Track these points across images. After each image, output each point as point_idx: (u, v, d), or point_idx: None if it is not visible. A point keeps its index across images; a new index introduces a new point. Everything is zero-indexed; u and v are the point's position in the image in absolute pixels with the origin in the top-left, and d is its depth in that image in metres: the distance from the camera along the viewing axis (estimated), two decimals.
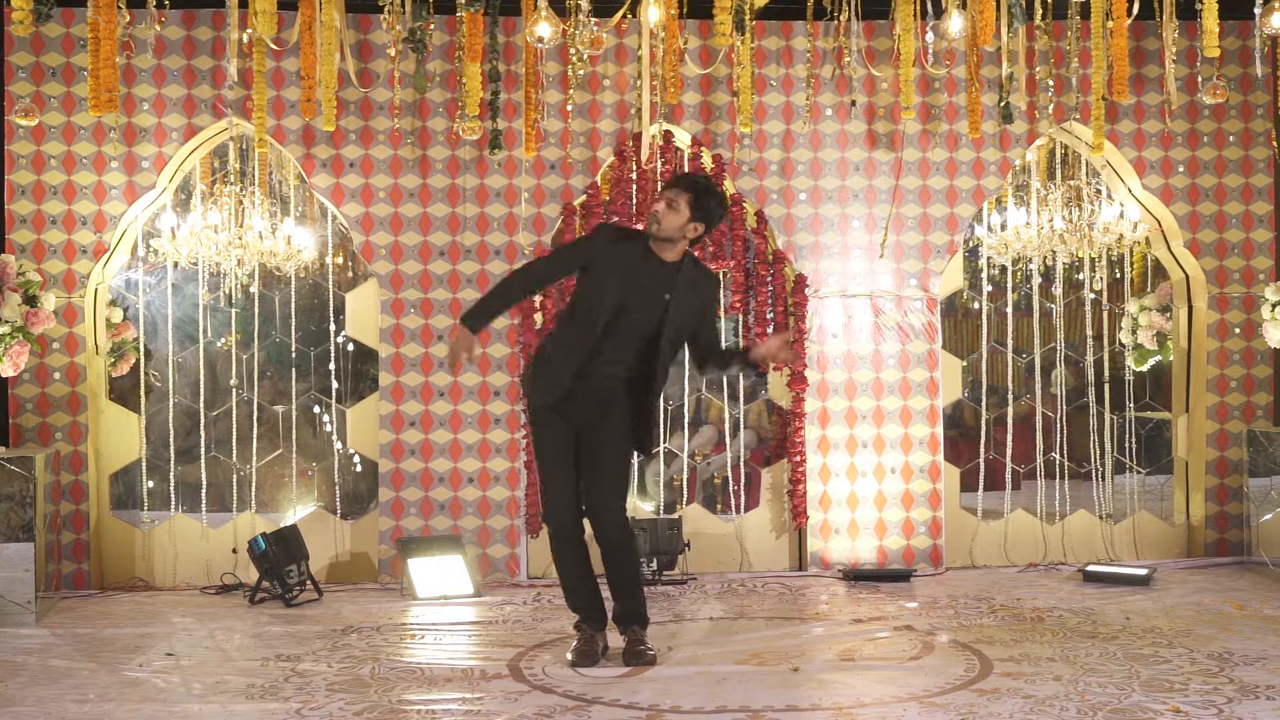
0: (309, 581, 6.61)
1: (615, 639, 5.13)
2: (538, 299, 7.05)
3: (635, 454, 5.19)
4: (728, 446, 7.43)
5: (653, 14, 6.04)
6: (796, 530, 7.31)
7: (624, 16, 6.65)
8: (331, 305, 7.68)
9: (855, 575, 6.95)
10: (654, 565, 6.83)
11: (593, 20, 6.04)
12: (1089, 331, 7.85)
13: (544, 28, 5.68)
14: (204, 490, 7.25)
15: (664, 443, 7.49)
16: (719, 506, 7.67)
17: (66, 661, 5.27)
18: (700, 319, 5.11)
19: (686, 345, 5.20)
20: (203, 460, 7.32)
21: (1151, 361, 8.00)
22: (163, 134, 6.95)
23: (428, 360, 7.06)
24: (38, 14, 5.12)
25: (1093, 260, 7.90)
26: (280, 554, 6.49)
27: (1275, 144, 7.31)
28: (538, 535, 7.15)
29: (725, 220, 5.20)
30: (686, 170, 5.12)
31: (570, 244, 5.10)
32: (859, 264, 7.27)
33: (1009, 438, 7.65)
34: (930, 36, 6.85)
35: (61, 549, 6.78)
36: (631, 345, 5.00)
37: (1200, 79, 7.26)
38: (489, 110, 6.60)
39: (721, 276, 5.22)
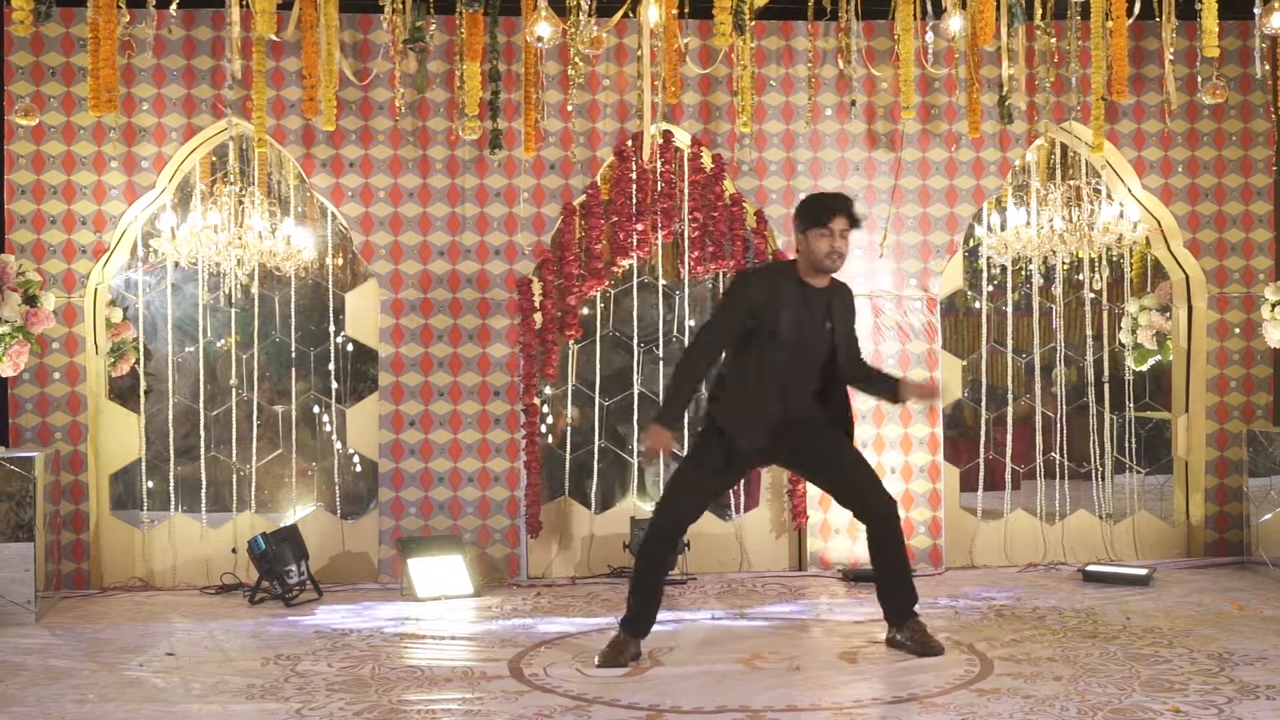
0: (309, 581, 6.61)
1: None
2: (537, 298, 7.06)
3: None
4: None
5: (653, 14, 6.04)
6: (796, 530, 7.31)
7: (624, 16, 6.66)
8: (331, 305, 7.68)
9: (855, 575, 6.94)
10: None
11: (593, 20, 6.04)
12: (1089, 331, 7.85)
13: (544, 28, 5.68)
14: (204, 490, 7.24)
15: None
16: (719, 506, 7.66)
17: (66, 661, 5.27)
18: (850, 332, 5.27)
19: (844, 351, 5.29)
20: (202, 460, 7.31)
21: (1151, 361, 8.00)
22: (162, 134, 6.95)
23: (427, 360, 7.06)
24: (37, 14, 5.12)
25: (1093, 260, 7.90)
26: (280, 554, 6.49)
27: (1276, 144, 7.31)
28: (537, 535, 7.15)
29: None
30: (834, 197, 5.16)
31: (727, 305, 5.17)
32: (859, 264, 7.26)
33: (1009, 438, 7.65)
34: (930, 36, 6.86)
35: (61, 549, 6.78)
36: (812, 374, 5.15)
37: (1200, 79, 7.26)
38: (489, 110, 6.60)
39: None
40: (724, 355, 5.15)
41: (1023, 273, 8.17)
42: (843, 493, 5.29)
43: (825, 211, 5.05)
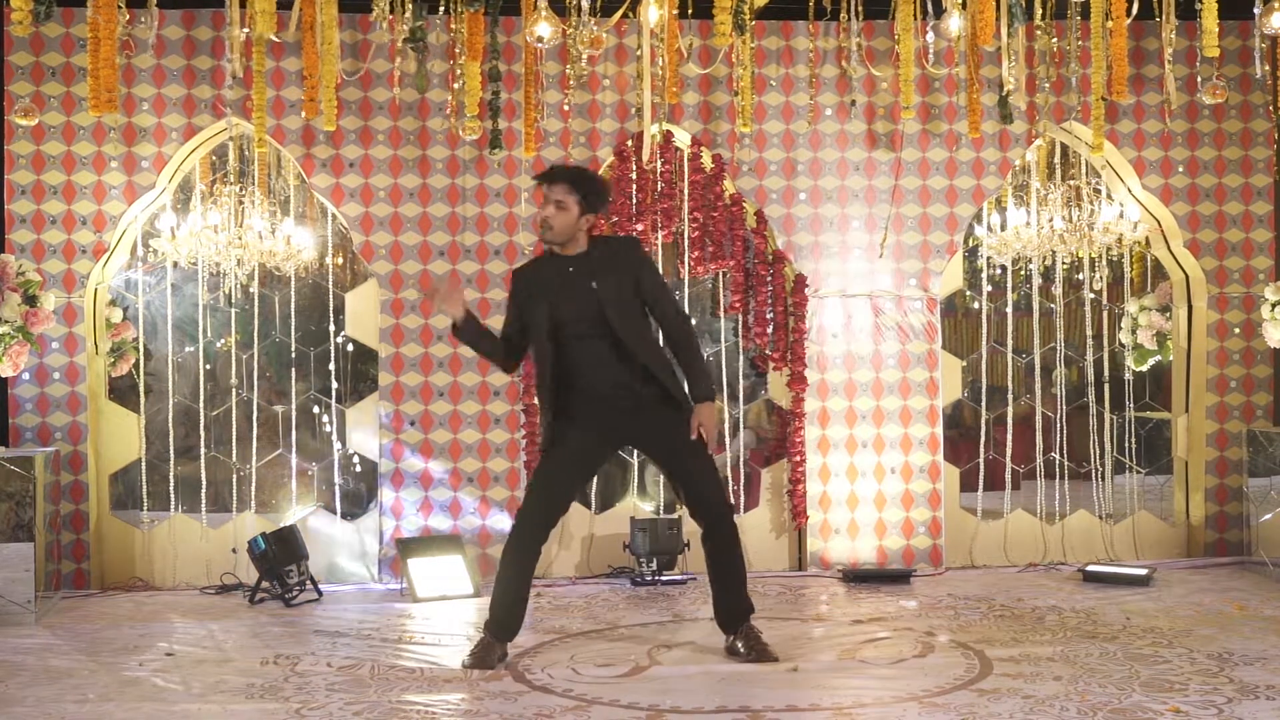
0: (309, 581, 6.61)
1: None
2: None
3: (697, 436, 5.04)
4: (727, 446, 7.42)
5: (653, 14, 6.04)
6: (796, 530, 7.31)
7: (624, 16, 6.66)
8: (331, 305, 7.68)
9: (855, 575, 6.94)
10: (654, 565, 6.83)
11: (593, 20, 6.04)
12: (1089, 331, 7.85)
13: (544, 28, 5.68)
14: (203, 490, 7.24)
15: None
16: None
17: (66, 661, 5.27)
18: (640, 283, 5.02)
19: (657, 322, 5.12)
20: (202, 460, 7.31)
21: (1151, 361, 8.00)
22: (162, 134, 6.95)
23: (428, 360, 7.06)
24: (37, 14, 5.11)
25: (1093, 260, 7.89)
26: (280, 554, 6.49)
27: (1276, 144, 7.31)
28: None
29: (608, 198, 5.17)
30: (563, 166, 5.12)
31: (507, 308, 5.21)
32: (859, 264, 7.27)
33: (1009, 438, 7.64)
34: (930, 36, 6.86)
35: (61, 549, 6.78)
36: (601, 351, 4.97)
37: (1200, 79, 7.26)
38: (489, 110, 6.61)
39: (640, 251, 5.10)
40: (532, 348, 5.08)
41: (1023, 273, 8.17)
42: (677, 486, 5.15)
43: (542, 176, 5.05)
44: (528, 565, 5.09)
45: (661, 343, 5.19)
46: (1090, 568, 6.92)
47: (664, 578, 6.86)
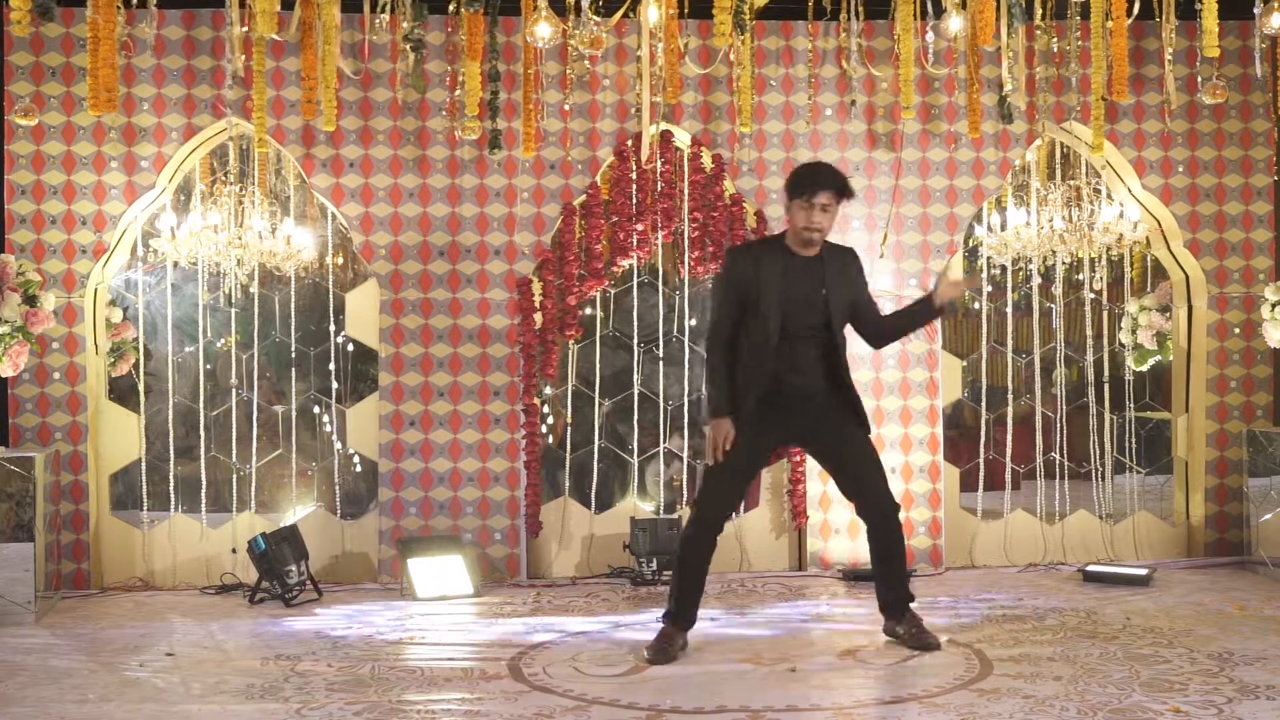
0: (309, 581, 6.61)
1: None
2: (537, 298, 7.06)
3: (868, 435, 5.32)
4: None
5: (652, 14, 6.04)
6: (796, 530, 7.31)
7: (624, 16, 6.66)
8: (331, 305, 7.68)
9: (855, 575, 6.94)
10: (654, 565, 6.83)
11: (593, 20, 6.04)
12: (1089, 331, 7.85)
13: (544, 28, 5.68)
14: (203, 490, 7.24)
15: (664, 443, 7.49)
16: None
17: (66, 661, 5.27)
18: (857, 296, 5.23)
19: (853, 326, 5.30)
20: (202, 460, 7.31)
21: (1151, 361, 7.99)
22: (162, 134, 6.95)
23: (427, 360, 7.06)
24: (38, 12, 5.11)
25: (1093, 260, 7.89)
26: (280, 554, 6.49)
27: (1276, 144, 7.31)
28: (537, 535, 7.15)
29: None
30: (830, 168, 5.11)
31: (720, 285, 5.23)
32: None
33: (1009, 438, 7.64)
34: (930, 36, 6.86)
35: (61, 549, 6.77)
36: (811, 348, 5.11)
37: (1200, 79, 7.26)
38: (489, 110, 6.60)
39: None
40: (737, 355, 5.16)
41: (1023, 273, 8.17)
42: (847, 484, 5.32)
43: (806, 183, 5.04)
44: (711, 553, 5.25)
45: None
46: (1090, 568, 6.92)
47: (664, 578, 6.85)
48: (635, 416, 7.43)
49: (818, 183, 5.03)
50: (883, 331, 5.40)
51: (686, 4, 6.48)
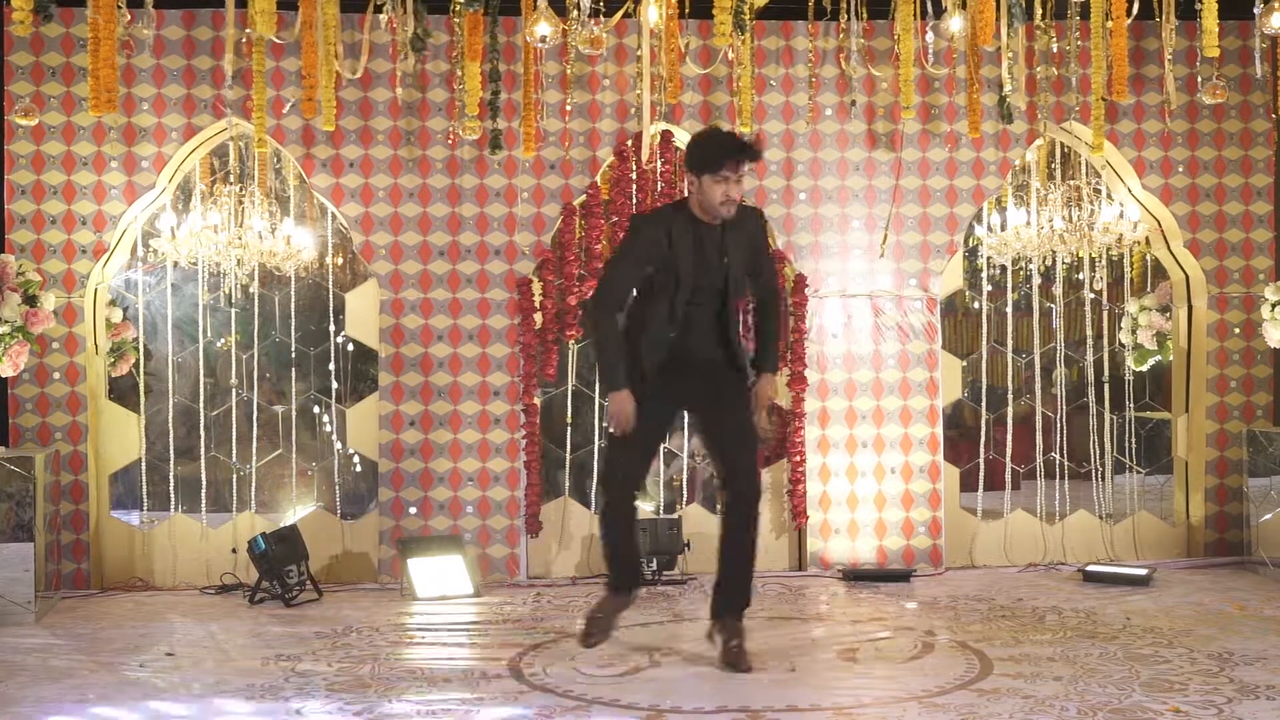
0: (309, 581, 6.61)
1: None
2: (537, 298, 7.06)
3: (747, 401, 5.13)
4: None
5: (652, 14, 6.04)
6: (796, 530, 7.31)
7: (624, 16, 6.65)
8: (331, 305, 7.68)
9: (855, 575, 6.94)
10: (654, 565, 6.83)
11: (592, 20, 6.04)
12: (1089, 331, 7.85)
13: (544, 27, 5.68)
14: (203, 490, 7.24)
15: (663, 443, 7.48)
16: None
17: (66, 661, 5.27)
18: (755, 258, 5.10)
19: (755, 289, 5.18)
20: (202, 460, 7.31)
21: (1151, 361, 8.00)
22: (162, 134, 6.95)
23: (427, 360, 7.06)
24: (39, 9, 5.10)
25: (1093, 260, 7.89)
26: (280, 554, 6.49)
27: (1276, 144, 7.31)
28: (537, 535, 7.15)
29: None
30: (733, 140, 4.98)
31: (626, 251, 5.07)
32: (859, 264, 7.27)
33: (1009, 438, 7.64)
34: (930, 36, 6.86)
35: (61, 549, 6.77)
36: (709, 314, 5.00)
37: (1200, 79, 7.26)
38: (489, 110, 6.60)
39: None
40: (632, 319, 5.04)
41: (1023, 273, 8.17)
42: (719, 460, 5.17)
43: (726, 156, 4.84)
44: (634, 521, 5.20)
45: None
46: (1090, 568, 6.92)
47: (664, 577, 6.86)
48: None
49: (743, 154, 4.88)
50: (759, 307, 5.20)
51: (686, 4, 6.48)
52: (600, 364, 5.13)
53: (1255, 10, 5.84)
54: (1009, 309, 7.73)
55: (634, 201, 7.13)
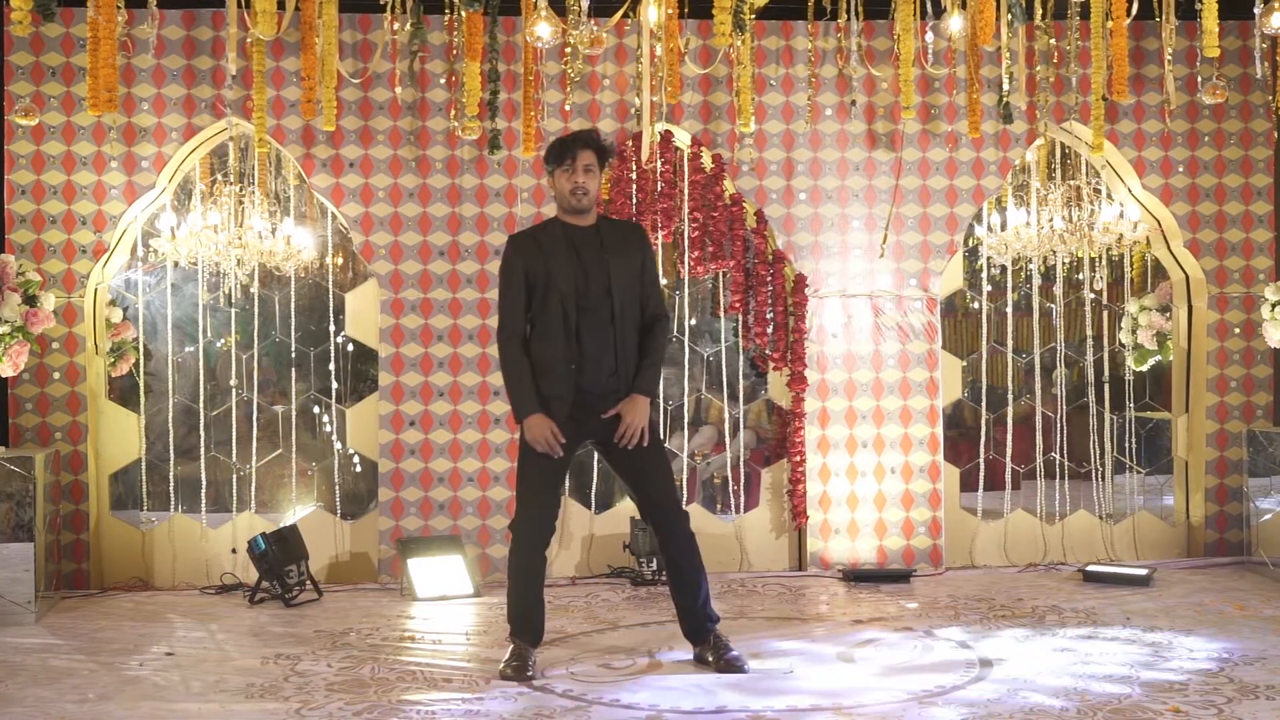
0: (309, 581, 6.61)
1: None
2: None
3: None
4: (727, 446, 7.43)
5: (652, 14, 6.04)
6: (796, 530, 7.31)
7: (624, 16, 6.66)
8: (331, 305, 7.68)
9: (855, 575, 6.94)
10: (654, 565, 6.83)
11: (592, 20, 6.04)
12: (1089, 331, 7.85)
13: (544, 27, 5.68)
14: (203, 490, 7.24)
15: (664, 442, 7.48)
16: (718, 506, 7.67)
17: (66, 661, 5.27)
18: (641, 272, 4.98)
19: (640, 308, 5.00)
20: (202, 460, 7.31)
21: (1151, 361, 8.00)
22: (162, 134, 6.95)
23: (427, 360, 7.06)
24: (40, 8, 5.10)
25: (1093, 260, 7.90)
26: (280, 554, 6.49)
27: (1276, 144, 7.31)
28: None
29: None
30: (588, 132, 4.97)
31: (506, 277, 5.00)
32: (859, 264, 7.27)
33: (1009, 438, 7.64)
34: (930, 36, 6.86)
35: (61, 549, 6.77)
36: (603, 331, 4.88)
37: (1200, 79, 7.26)
38: (488, 110, 6.60)
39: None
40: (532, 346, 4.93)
41: (1023, 273, 8.17)
42: (630, 490, 5.09)
43: (566, 148, 4.90)
44: (543, 566, 5.06)
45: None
46: (1090, 568, 6.92)
47: (664, 578, 6.85)
48: None
49: (577, 143, 4.91)
50: (645, 331, 4.99)
51: (686, 4, 6.48)
52: (510, 393, 4.99)
53: (1255, 10, 5.84)
54: (1009, 309, 7.73)
55: (634, 201, 7.13)
